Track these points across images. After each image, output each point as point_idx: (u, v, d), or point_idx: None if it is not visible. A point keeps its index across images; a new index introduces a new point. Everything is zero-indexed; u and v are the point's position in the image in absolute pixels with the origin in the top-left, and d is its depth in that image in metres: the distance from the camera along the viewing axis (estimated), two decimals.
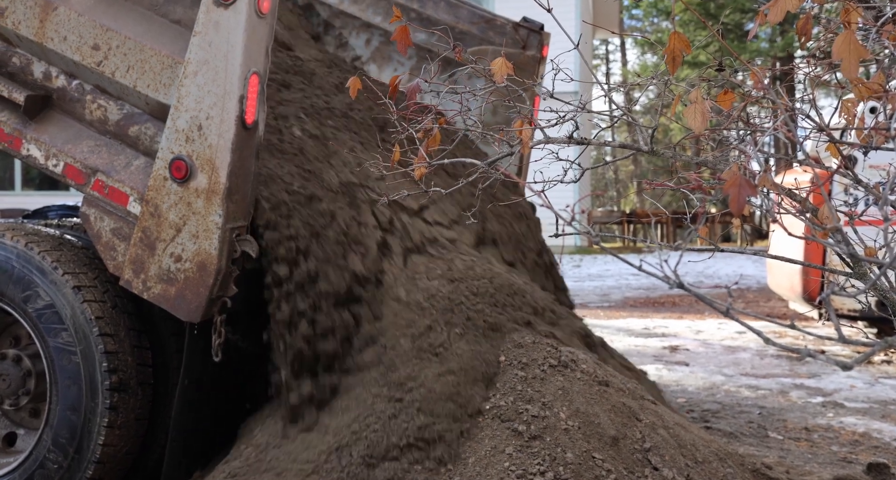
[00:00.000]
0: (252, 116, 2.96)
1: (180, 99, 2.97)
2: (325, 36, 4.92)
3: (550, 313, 3.65)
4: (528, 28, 4.42)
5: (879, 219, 2.02)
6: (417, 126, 3.06)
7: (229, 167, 2.93)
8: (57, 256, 3.30)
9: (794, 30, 2.12)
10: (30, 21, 3.23)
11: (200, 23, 2.94)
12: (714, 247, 2.77)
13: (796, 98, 3.09)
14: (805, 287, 6.93)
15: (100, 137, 3.25)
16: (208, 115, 2.94)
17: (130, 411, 3.22)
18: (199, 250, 2.98)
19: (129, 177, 3.15)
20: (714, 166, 2.67)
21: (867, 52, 1.81)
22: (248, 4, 2.89)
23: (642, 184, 30.13)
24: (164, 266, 3.04)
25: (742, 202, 1.70)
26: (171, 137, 3.00)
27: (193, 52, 2.95)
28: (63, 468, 3.17)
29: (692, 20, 20.16)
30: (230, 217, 2.98)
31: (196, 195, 2.97)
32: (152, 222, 3.04)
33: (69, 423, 3.17)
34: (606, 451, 2.80)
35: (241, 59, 2.90)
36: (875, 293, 2.31)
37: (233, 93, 2.91)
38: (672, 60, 2.01)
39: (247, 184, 3.05)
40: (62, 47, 3.19)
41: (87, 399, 3.15)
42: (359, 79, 3.13)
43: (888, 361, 6.99)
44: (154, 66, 3.06)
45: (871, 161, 4.75)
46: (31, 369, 3.41)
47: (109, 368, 3.15)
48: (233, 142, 2.92)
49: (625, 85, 4.08)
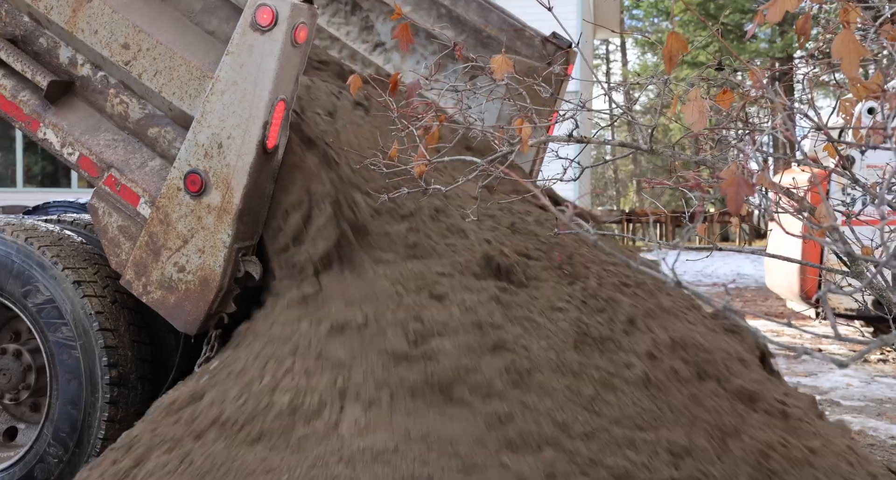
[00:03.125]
0: (273, 141, 2.96)
1: (204, 114, 2.96)
2: (352, 16, 4.85)
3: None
4: (556, 44, 4.36)
5: (876, 219, 2.03)
6: (418, 123, 3.08)
7: (245, 189, 2.93)
8: (57, 251, 3.31)
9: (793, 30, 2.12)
10: (62, 8, 3.20)
11: (235, 43, 2.92)
12: (712, 246, 2.79)
13: (795, 98, 3.10)
14: (803, 286, 6.95)
15: (118, 132, 3.24)
16: (230, 135, 2.93)
17: (130, 406, 3.23)
18: (204, 265, 3.00)
19: (142, 178, 3.15)
20: (713, 165, 2.69)
21: (867, 51, 1.82)
22: (285, 33, 2.86)
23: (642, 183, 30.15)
24: (166, 273, 3.06)
25: (740, 201, 1.71)
26: (191, 150, 2.99)
27: (224, 70, 2.93)
28: (63, 462, 3.19)
29: (692, 20, 20.16)
30: (238, 237, 2.99)
31: (208, 211, 2.98)
32: (160, 229, 3.05)
33: (69, 417, 3.19)
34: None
35: (271, 87, 2.89)
36: (871, 291, 2.33)
37: (258, 118, 2.90)
38: (669, 60, 2.02)
39: (260, 206, 3.05)
40: (92, 40, 3.17)
41: (88, 393, 3.17)
42: (358, 77, 3.15)
43: (884, 360, 7.02)
44: (182, 75, 3.05)
45: (869, 160, 4.76)
46: (32, 364, 3.42)
47: (109, 363, 3.17)
48: (251, 165, 2.92)
49: (625, 84, 4.09)
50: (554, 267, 3.26)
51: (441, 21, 4.48)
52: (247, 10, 2.89)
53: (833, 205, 2.55)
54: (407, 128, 3.08)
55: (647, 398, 2.66)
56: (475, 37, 4.46)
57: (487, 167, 2.95)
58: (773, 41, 22.05)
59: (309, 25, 2.95)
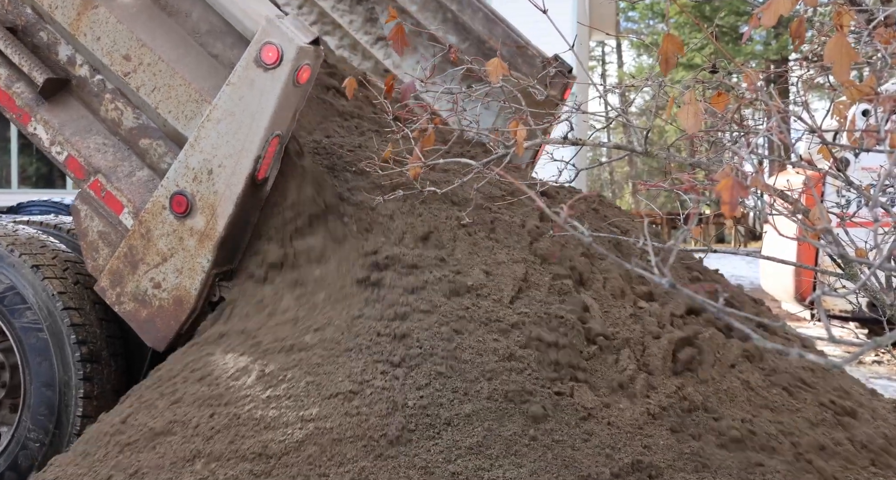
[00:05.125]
0: (264, 174, 2.96)
1: (198, 139, 2.96)
2: (357, 6, 4.83)
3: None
4: (557, 68, 4.32)
5: (871, 221, 2.04)
6: (413, 125, 3.08)
7: (230, 218, 2.94)
8: (11, 240, 3.37)
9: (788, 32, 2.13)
10: (67, 10, 3.17)
11: (237, 75, 2.90)
12: (707, 248, 2.79)
13: (790, 100, 3.11)
14: (797, 287, 6.97)
15: (110, 137, 3.23)
16: (221, 163, 2.93)
17: (106, 382, 3.27)
18: (180, 285, 3.03)
19: (128, 188, 3.15)
20: (708, 167, 2.69)
21: (858, 56, 1.83)
22: (288, 74, 2.85)
23: (637, 185, 30.17)
24: (141, 287, 3.09)
25: (734, 203, 1.72)
26: (180, 171, 2.99)
27: (223, 100, 2.92)
28: (45, 445, 3.21)
29: (687, 23, 20.20)
30: (218, 263, 3.02)
31: (190, 233, 2.99)
32: (141, 243, 3.07)
33: (46, 399, 3.21)
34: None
35: (268, 124, 2.88)
36: (865, 293, 2.33)
37: (251, 152, 2.90)
38: (665, 62, 2.03)
39: (242, 234, 3.07)
40: (93, 46, 3.15)
41: (60, 372, 3.20)
42: (354, 80, 3.15)
43: (879, 361, 7.03)
44: (180, 96, 3.04)
45: (863, 163, 4.78)
46: (5, 362, 3.44)
47: (78, 340, 3.21)
48: (239, 195, 2.93)
49: (620, 86, 4.09)
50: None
51: (446, 25, 4.47)
52: (253, 46, 2.88)
53: (827, 207, 2.55)
54: (402, 131, 3.08)
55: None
56: (477, 47, 4.45)
57: (483, 169, 2.96)
58: (768, 43, 22.08)
59: (313, 67, 2.95)
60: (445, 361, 2.57)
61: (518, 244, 3.09)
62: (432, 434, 2.40)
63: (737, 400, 2.75)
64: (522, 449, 2.39)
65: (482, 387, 2.51)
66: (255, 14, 2.94)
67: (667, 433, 2.53)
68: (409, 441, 2.39)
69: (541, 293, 2.89)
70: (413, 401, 2.47)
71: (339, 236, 3.07)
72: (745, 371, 2.87)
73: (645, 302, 3.04)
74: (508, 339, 2.67)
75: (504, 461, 2.36)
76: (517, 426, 2.44)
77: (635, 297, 3.06)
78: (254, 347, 2.80)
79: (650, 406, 2.58)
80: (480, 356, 2.60)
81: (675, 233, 19.38)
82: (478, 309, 2.77)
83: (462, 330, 2.67)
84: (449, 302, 2.76)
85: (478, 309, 2.77)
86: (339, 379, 2.56)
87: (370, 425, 2.42)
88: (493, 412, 2.46)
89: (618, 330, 2.82)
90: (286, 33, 2.84)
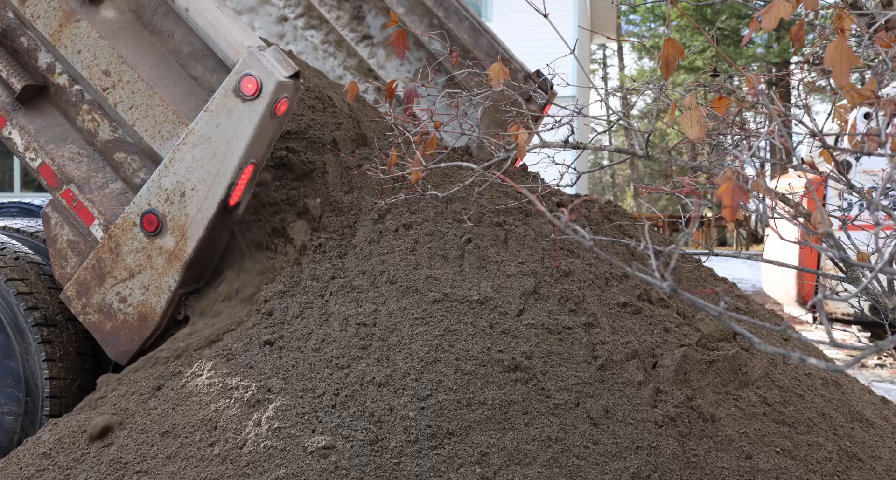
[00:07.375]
0: (236, 200, 2.99)
1: (173, 160, 2.96)
2: (345, 2, 4.81)
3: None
4: (538, 84, 4.29)
5: (872, 224, 2.04)
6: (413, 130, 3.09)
7: (199, 241, 2.96)
8: None
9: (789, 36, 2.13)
10: (49, 21, 3.16)
11: (216, 103, 2.90)
12: (709, 251, 2.79)
13: (791, 104, 3.12)
14: (799, 290, 6.96)
15: (85, 146, 3.23)
16: (195, 187, 2.95)
17: (68, 344, 3.30)
18: (146, 302, 3.04)
19: (100, 199, 3.15)
20: (709, 171, 2.69)
21: (858, 60, 1.83)
22: (266, 107, 2.86)
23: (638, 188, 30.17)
24: (107, 300, 3.10)
25: (735, 207, 1.72)
26: (153, 190, 3.00)
27: (200, 125, 2.92)
28: (20, 415, 3.23)
29: (689, 26, 20.22)
30: (185, 283, 3.03)
31: (159, 253, 3.01)
32: (109, 256, 3.08)
33: (10, 371, 3.23)
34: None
35: (243, 152, 2.89)
36: (867, 297, 2.33)
37: (224, 178, 2.91)
38: (666, 66, 2.03)
39: (211, 256, 3.11)
40: (73, 59, 3.14)
41: (18, 341, 3.23)
42: (355, 83, 3.16)
43: (881, 365, 7.02)
44: (158, 116, 3.04)
45: (865, 166, 4.78)
46: None
47: (28, 306, 3.24)
48: (210, 220, 2.95)
49: (621, 90, 4.09)
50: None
51: (432, 31, 4.46)
52: (233, 75, 2.88)
53: (829, 210, 2.55)
54: (403, 135, 3.09)
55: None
56: (462, 55, 4.45)
57: (483, 173, 2.96)
58: (769, 46, 22.09)
59: (291, 99, 2.96)
60: (449, 370, 2.57)
61: (531, 257, 3.09)
62: (434, 444, 2.40)
63: (755, 415, 2.74)
64: (526, 459, 2.38)
65: (486, 397, 2.51)
66: (236, 43, 2.93)
67: (674, 443, 2.52)
68: (412, 453, 2.39)
69: (549, 304, 2.89)
70: (415, 412, 2.47)
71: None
72: (763, 387, 2.86)
73: (674, 319, 3.02)
74: (514, 350, 2.67)
75: (508, 470, 2.35)
76: (521, 435, 2.44)
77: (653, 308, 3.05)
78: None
79: (657, 416, 2.58)
80: (484, 366, 2.60)
81: (677, 236, 19.34)
82: (482, 321, 2.77)
83: (466, 342, 2.67)
84: (453, 314, 2.76)
85: (482, 322, 2.76)
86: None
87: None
88: (496, 422, 2.46)
89: (629, 341, 2.81)
90: (266, 67, 2.84)
